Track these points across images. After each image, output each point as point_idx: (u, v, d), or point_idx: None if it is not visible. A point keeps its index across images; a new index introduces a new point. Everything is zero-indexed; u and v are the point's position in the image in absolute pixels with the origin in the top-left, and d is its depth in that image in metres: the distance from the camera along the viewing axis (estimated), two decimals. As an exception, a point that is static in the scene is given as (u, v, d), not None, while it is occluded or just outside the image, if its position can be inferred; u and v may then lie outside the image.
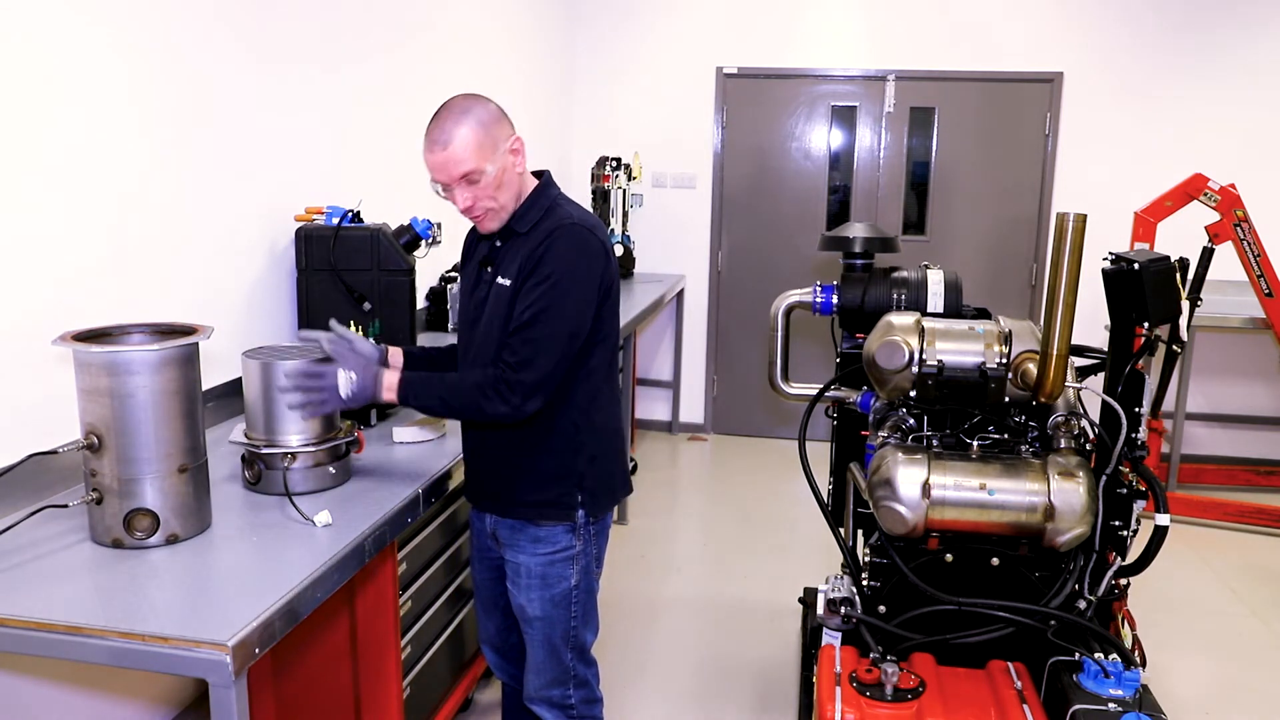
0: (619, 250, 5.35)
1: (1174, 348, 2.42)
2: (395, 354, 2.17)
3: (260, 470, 2.09)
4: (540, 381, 1.90)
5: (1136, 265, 2.15)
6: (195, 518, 1.86)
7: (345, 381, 1.94)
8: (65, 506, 1.83)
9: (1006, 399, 2.30)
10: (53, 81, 2.08)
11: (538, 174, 2.06)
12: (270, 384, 2.06)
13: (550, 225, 1.94)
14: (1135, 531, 2.25)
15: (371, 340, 2.10)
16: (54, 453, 1.81)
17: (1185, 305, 2.28)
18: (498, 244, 2.04)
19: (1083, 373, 2.60)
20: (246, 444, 2.11)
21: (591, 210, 5.42)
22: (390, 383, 1.96)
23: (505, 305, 1.96)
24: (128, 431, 1.75)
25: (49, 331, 2.09)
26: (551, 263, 1.90)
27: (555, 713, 2.16)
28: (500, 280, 1.99)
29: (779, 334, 2.80)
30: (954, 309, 2.62)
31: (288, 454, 2.06)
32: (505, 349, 1.92)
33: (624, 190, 5.43)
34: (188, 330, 1.88)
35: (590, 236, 1.95)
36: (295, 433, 2.08)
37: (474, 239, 2.16)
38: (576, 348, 1.95)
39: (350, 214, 2.90)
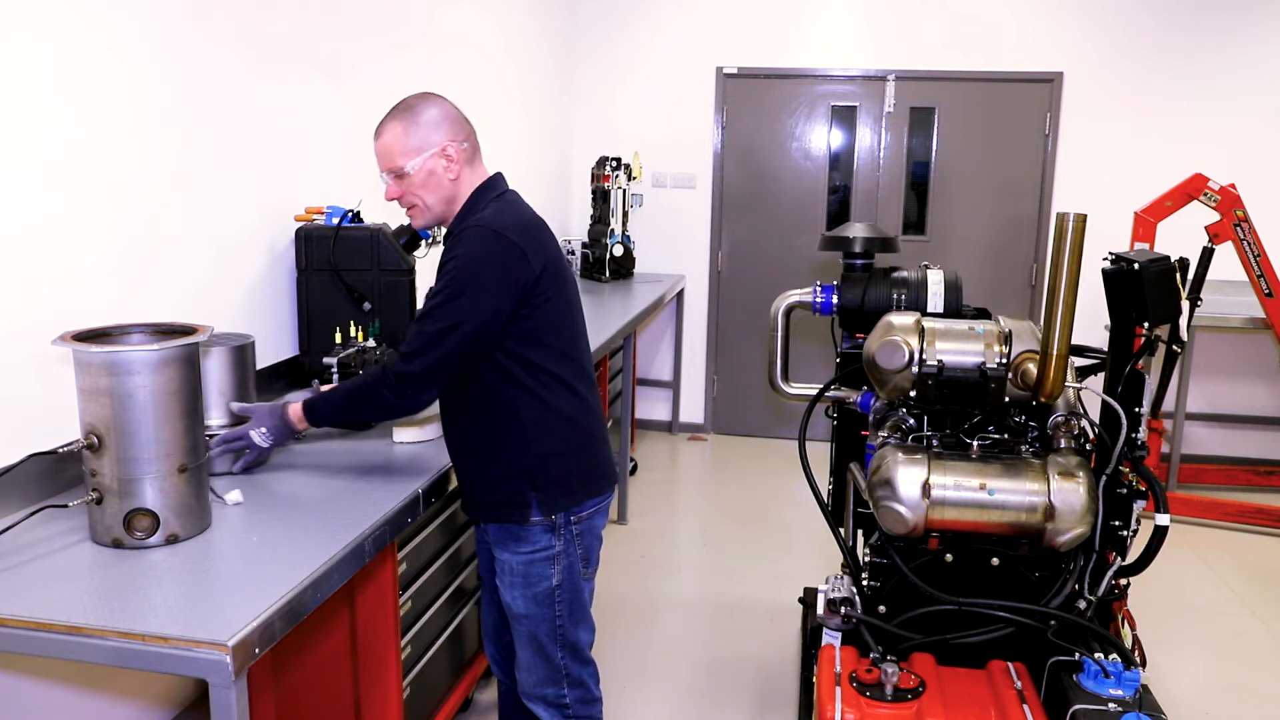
0: (619, 250, 5.35)
1: (1174, 348, 2.41)
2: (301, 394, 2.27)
3: None
4: (429, 373, 1.95)
5: (1136, 265, 2.15)
6: (195, 517, 1.86)
7: (259, 434, 2.11)
8: (65, 506, 1.83)
9: (1006, 399, 2.30)
10: (53, 82, 2.08)
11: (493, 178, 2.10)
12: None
13: (462, 227, 2.01)
14: (1135, 531, 2.25)
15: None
16: (54, 453, 1.81)
17: (1185, 305, 2.28)
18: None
19: (1083, 373, 2.60)
20: None
21: (592, 211, 5.47)
22: (296, 414, 2.11)
23: None
24: (128, 431, 1.75)
25: (49, 331, 2.10)
26: (453, 261, 1.96)
27: (551, 711, 2.17)
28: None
29: (779, 334, 2.80)
30: (954, 309, 2.62)
31: (207, 436, 2.09)
32: (406, 338, 1.99)
33: (624, 190, 5.43)
34: (188, 330, 1.89)
35: (497, 237, 1.95)
36: (212, 418, 2.16)
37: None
38: (481, 345, 1.95)
39: (350, 214, 2.90)
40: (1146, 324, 2.20)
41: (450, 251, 1.98)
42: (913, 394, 2.33)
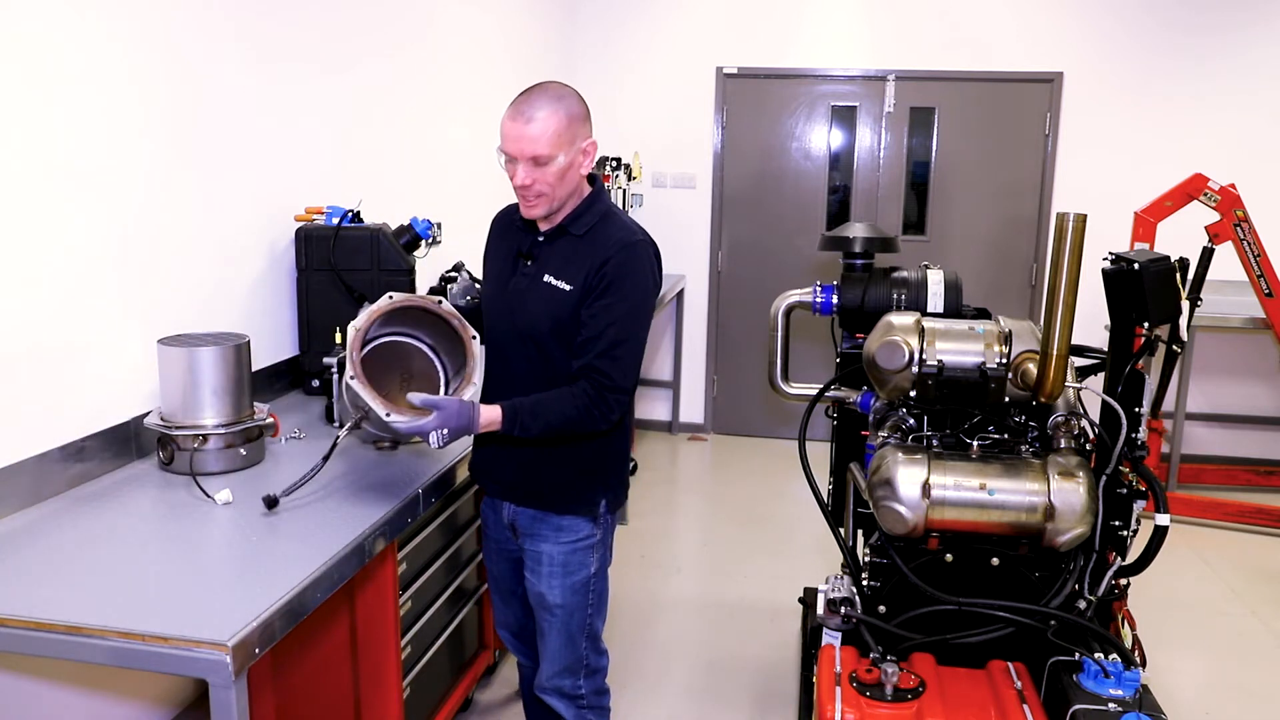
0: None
1: (1174, 348, 2.42)
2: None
3: (173, 451, 2.19)
4: (632, 394, 2.04)
5: (1136, 265, 2.15)
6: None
7: (436, 436, 1.91)
8: (359, 426, 2.06)
9: (1006, 399, 2.30)
10: (56, 83, 2.08)
11: (589, 179, 2.10)
12: (186, 370, 2.18)
13: (619, 238, 2.01)
14: (1135, 531, 2.25)
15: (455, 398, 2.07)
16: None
17: (1185, 305, 2.28)
18: (540, 239, 2.06)
19: (1083, 373, 2.60)
20: (160, 426, 2.19)
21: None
22: (491, 419, 1.96)
23: (564, 307, 1.99)
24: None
25: (49, 331, 2.10)
26: (631, 280, 1.99)
27: (565, 703, 2.19)
28: (550, 280, 2.01)
29: (779, 334, 2.80)
30: (954, 309, 2.62)
31: (198, 436, 2.17)
32: (602, 359, 1.96)
33: (624, 190, 5.42)
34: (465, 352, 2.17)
35: (655, 255, 2.07)
36: (207, 417, 2.19)
37: (506, 226, 2.17)
38: None
39: (350, 214, 2.90)
40: (1146, 324, 2.20)
41: (618, 270, 1.97)
42: (913, 394, 2.33)
